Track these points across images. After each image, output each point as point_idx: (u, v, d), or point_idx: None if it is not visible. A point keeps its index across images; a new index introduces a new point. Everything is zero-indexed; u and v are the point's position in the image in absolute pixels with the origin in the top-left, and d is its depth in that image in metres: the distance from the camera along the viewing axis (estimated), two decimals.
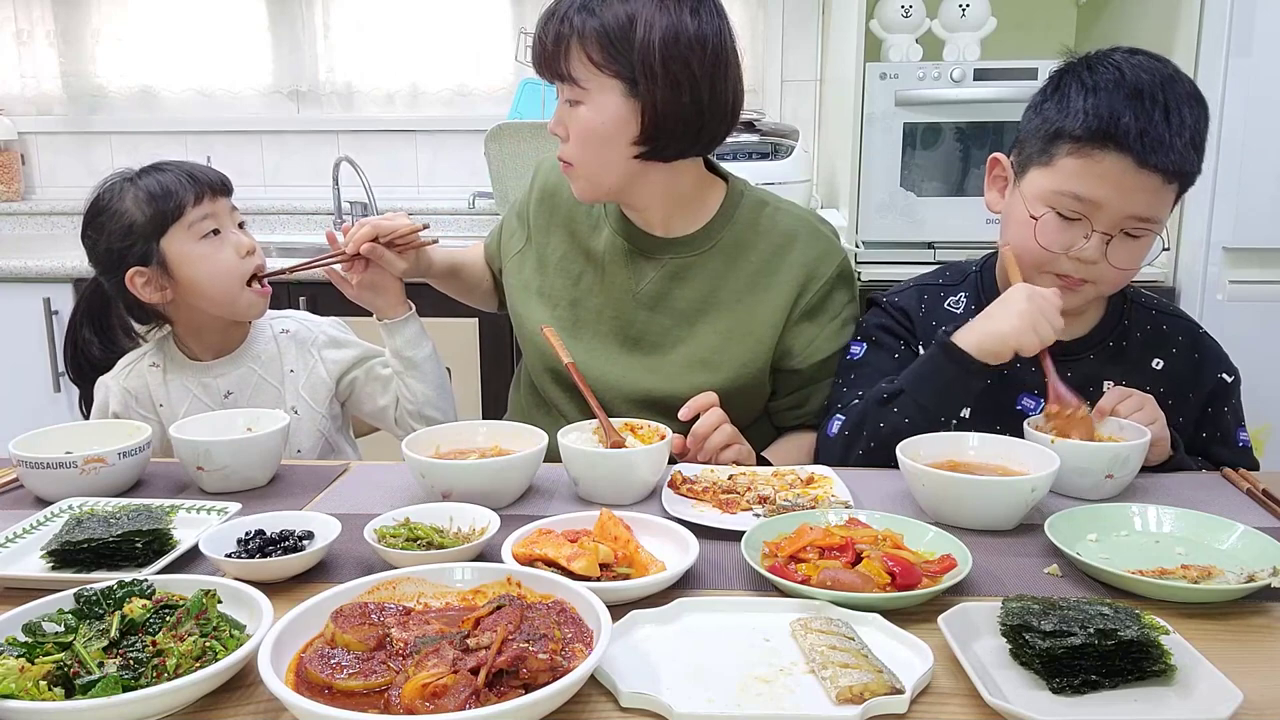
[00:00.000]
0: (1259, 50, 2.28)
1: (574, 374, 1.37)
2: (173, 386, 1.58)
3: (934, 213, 2.54)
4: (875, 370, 1.45)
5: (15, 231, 3.44)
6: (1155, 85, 1.25)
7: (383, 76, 3.35)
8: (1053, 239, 1.31)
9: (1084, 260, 1.30)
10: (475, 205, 3.21)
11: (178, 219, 1.51)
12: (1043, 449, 1.20)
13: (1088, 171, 1.26)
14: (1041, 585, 0.99)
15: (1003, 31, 2.64)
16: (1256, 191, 2.33)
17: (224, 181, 1.57)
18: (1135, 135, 1.22)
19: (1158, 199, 1.27)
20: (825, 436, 1.44)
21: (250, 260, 1.55)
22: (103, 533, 1.01)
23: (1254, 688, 0.77)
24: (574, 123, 1.38)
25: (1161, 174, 1.24)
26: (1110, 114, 1.24)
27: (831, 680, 0.78)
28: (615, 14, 1.32)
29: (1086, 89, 1.27)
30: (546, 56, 1.37)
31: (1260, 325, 2.36)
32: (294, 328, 1.66)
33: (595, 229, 1.55)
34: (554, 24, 1.34)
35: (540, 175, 1.62)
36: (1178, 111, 1.24)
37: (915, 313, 1.48)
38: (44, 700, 0.73)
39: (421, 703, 0.72)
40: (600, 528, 1.03)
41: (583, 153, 1.40)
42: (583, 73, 1.34)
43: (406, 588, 0.90)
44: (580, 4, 1.33)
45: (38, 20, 3.41)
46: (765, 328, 1.47)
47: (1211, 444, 1.42)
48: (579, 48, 1.33)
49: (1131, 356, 1.42)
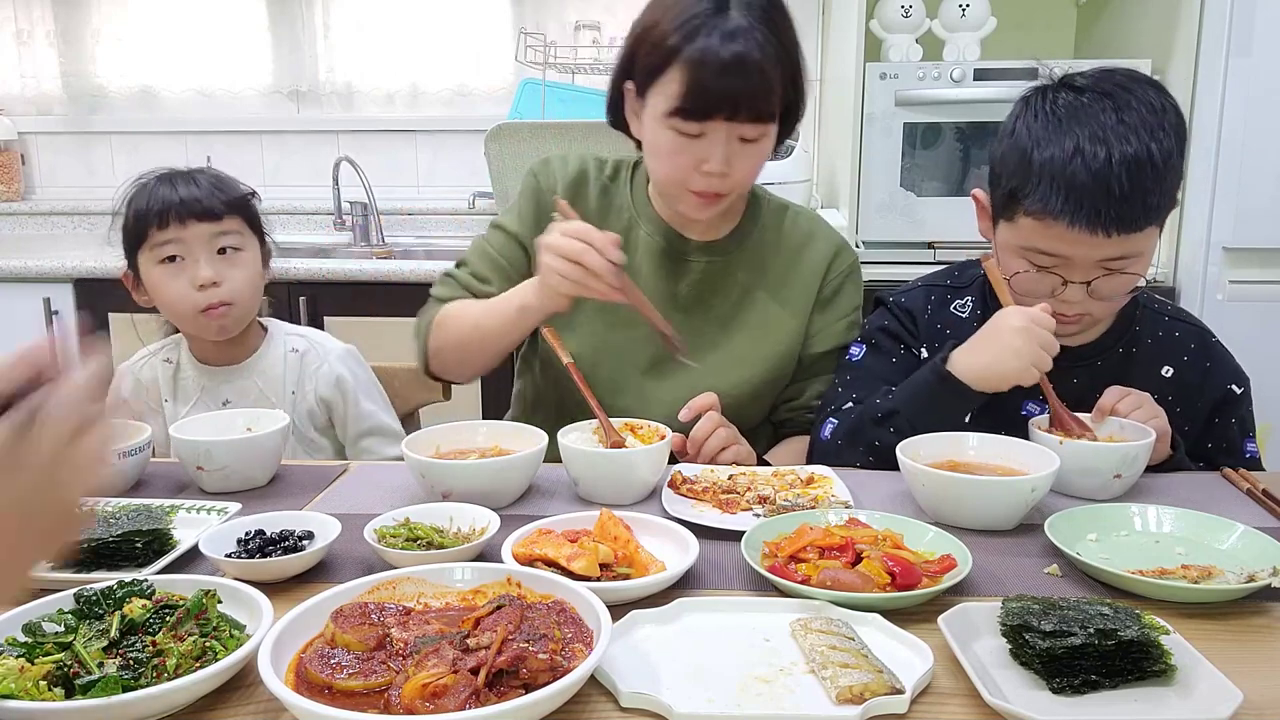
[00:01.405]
0: (1259, 50, 2.28)
1: (574, 374, 1.37)
2: (180, 385, 1.61)
3: (934, 213, 2.54)
4: (871, 374, 1.45)
5: (15, 231, 3.44)
6: (1097, 135, 1.20)
7: (383, 76, 3.34)
8: (1031, 290, 1.30)
9: (1070, 302, 1.29)
10: (475, 205, 3.21)
11: (144, 239, 1.54)
12: (1042, 449, 1.20)
13: (1047, 234, 1.25)
14: (1041, 585, 0.99)
15: (1003, 31, 2.64)
16: (1256, 191, 2.33)
17: (211, 209, 1.53)
18: (1076, 208, 1.20)
19: (1129, 244, 1.23)
20: (818, 439, 1.44)
21: (204, 295, 1.53)
22: (103, 533, 1.01)
23: (1254, 688, 0.77)
24: (753, 158, 1.36)
25: (1123, 233, 1.21)
26: (1053, 184, 1.21)
27: (831, 680, 0.78)
28: (785, 41, 1.33)
29: (1033, 142, 1.24)
30: (758, 103, 1.31)
31: (1260, 325, 2.36)
32: (303, 347, 1.66)
33: (629, 232, 1.51)
34: (765, 70, 1.29)
35: (555, 169, 1.54)
36: (1123, 161, 1.19)
37: (921, 315, 1.48)
38: (44, 700, 0.73)
39: (421, 703, 0.72)
40: (600, 528, 1.03)
41: (748, 181, 1.41)
42: (777, 106, 1.34)
43: (406, 588, 0.90)
44: (767, 40, 1.29)
45: (38, 20, 3.41)
46: (794, 322, 1.51)
47: (1217, 454, 1.40)
48: (779, 87, 1.32)
49: (1141, 363, 1.40)
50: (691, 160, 1.35)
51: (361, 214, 3.21)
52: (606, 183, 1.54)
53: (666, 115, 1.33)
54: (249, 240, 1.59)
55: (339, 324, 2.58)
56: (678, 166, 1.36)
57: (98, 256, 2.71)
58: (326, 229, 3.29)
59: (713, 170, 1.34)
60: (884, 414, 1.34)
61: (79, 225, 3.44)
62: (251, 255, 1.59)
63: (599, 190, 1.53)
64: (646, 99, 1.37)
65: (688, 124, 1.32)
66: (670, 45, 1.31)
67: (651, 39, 1.34)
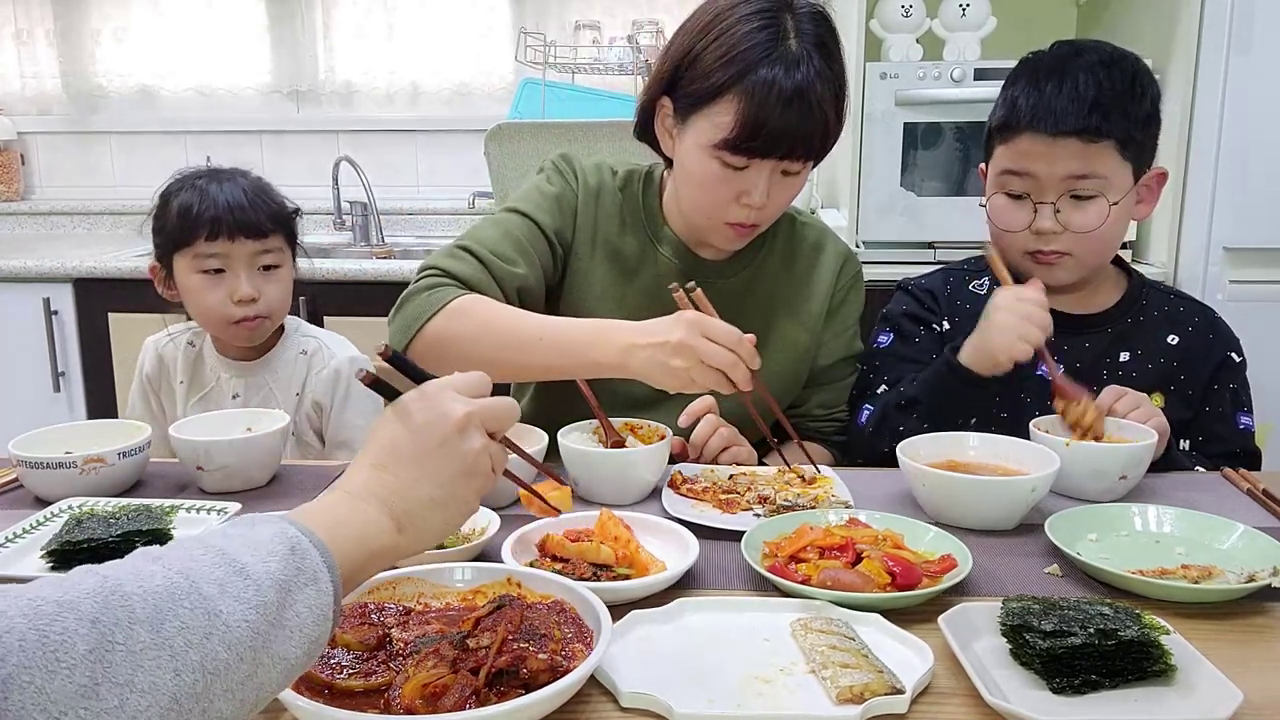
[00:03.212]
0: (1259, 50, 2.27)
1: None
2: (196, 369, 1.66)
3: (934, 212, 2.54)
4: (900, 358, 1.51)
5: (15, 231, 3.44)
6: (1054, 64, 1.36)
7: (383, 76, 3.34)
8: (1006, 219, 1.41)
9: (1044, 232, 1.37)
10: (475, 205, 3.21)
11: (188, 245, 1.55)
12: (1042, 449, 1.20)
13: (1013, 151, 1.38)
14: (1042, 585, 0.99)
15: (1003, 31, 2.64)
16: (1256, 191, 2.32)
17: (260, 227, 1.56)
18: (1028, 113, 1.34)
19: (1085, 159, 1.33)
20: (855, 425, 1.49)
21: (241, 309, 1.57)
22: (103, 533, 1.02)
23: (1254, 688, 0.77)
24: (791, 189, 1.33)
25: (1074, 137, 1.31)
26: (1012, 101, 1.37)
27: (832, 680, 0.78)
28: (839, 71, 1.28)
29: (1016, 80, 1.39)
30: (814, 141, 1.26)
31: (1260, 325, 2.34)
32: (312, 349, 1.69)
33: (644, 251, 1.45)
34: (813, 107, 1.23)
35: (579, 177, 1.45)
36: (1073, 80, 1.32)
37: (941, 293, 1.54)
38: None
39: (421, 703, 0.72)
40: (600, 528, 1.03)
41: (780, 212, 1.38)
42: (832, 140, 1.30)
43: (406, 588, 0.90)
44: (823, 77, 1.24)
45: (38, 20, 3.41)
46: (807, 339, 1.49)
47: (1213, 421, 1.44)
48: (835, 120, 1.27)
49: (1148, 330, 1.46)
50: (732, 192, 1.29)
51: (361, 214, 3.21)
52: (620, 195, 1.47)
53: (714, 146, 1.26)
54: (286, 254, 1.64)
55: (338, 324, 2.56)
56: (717, 198, 1.30)
57: (98, 256, 2.71)
58: (326, 229, 3.29)
59: (754, 204, 1.29)
60: (907, 401, 1.40)
61: (79, 225, 3.44)
62: (288, 269, 1.65)
63: (615, 204, 1.46)
64: (689, 123, 1.29)
65: (737, 157, 1.26)
66: (725, 74, 1.23)
67: (703, 63, 1.26)
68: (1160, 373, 1.43)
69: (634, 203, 1.47)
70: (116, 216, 3.41)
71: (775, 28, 1.24)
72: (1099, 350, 1.44)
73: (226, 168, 1.62)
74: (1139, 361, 1.44)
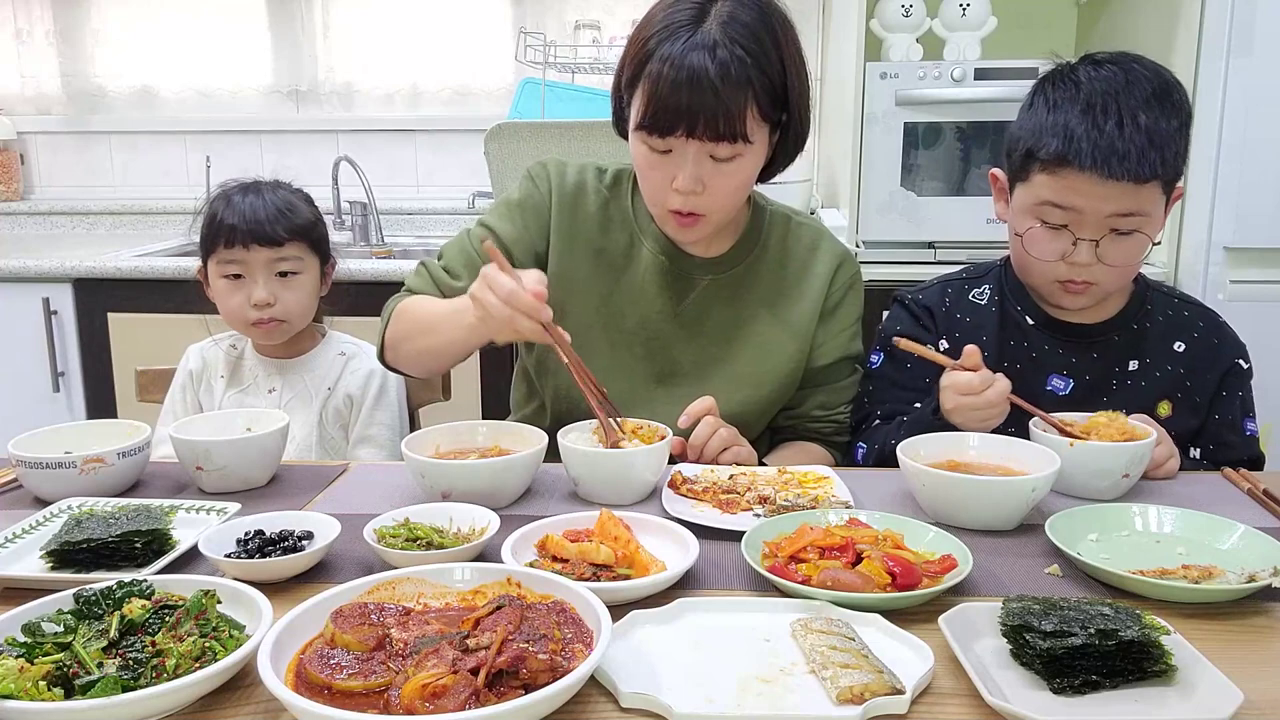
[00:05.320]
0: (1259, 50, 2.27)
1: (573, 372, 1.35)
2: (237, 368, 1.75)
3: (934, 212, 2.54)
4: (892, 382, 1.50)
5: (14, 231, 3.44)
6: (1110, 96, 1.30)
7: (383, 76, 3.34)
8: (1042, 249, 1.37)
9: (1079, 264, 1.34)
10: (475, 205, 3.21)
11: (213, 251, 1.66)
12: (1042, 449, 1.20)
13: (1059, 185, 1.32)
14: (1042, 585, 0.99)
15: (1003, 31, 2.64)
16: (1256, 191, 2.32)
17: (274, 237, 1.63)
18: (1088, 152, 1.28)
19: (1135, 199, 1.30)
20: (855, 463, 1.49)
21: (258, 312, 1.65)
22: (102, 533, 1.01)
23: (1254, 688, 0.77)
24: (730, 176, 1.31)
25: (1128, 180, 1.28)
26: (1066, 134, 1.30)
27: (832, 680, 0.78)
28: (771, 61, 1.27)
29: (1049, 106, 1.33)
30: (719, 122, 1.25)
31: (1261, 325, 2.34)
32: (351, 351, 1.78)
33: (630, 247, 1.48)
34: (726, 87, 1.23)
35: (553, 178, 1.49)
36: (1132, 118, 1.28)
37: (938, 309, 1.52)
38: (44, 700, 0.73)
39: (421, 703, 0.72)
40: (600, 528, 1.03)
41: (729, 203, 1.36)
42: (754, 128, 1.29)
43: (406, 588, 0.90)
44: (735, 58, 1.23)
45: (37, 20, 3.41)
46: (799, 340, 1.49)
47: (1221, 428, 1.44)
48: (754, 106, 1.27)
49: (1154, 338, 1.45)
50: (663, 177, 1.32)
51: (361, 213, 3.21)
52: (606, 194, 1.49)
53: (636, 129, 1.31)
54: (309, 262, 1.70)
55: (338, 323, 2.56)
56: (651, 183, 1.34)
57: (97, 256, 2.71)
58: None
59: (682, 188, 1.30)
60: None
61: (78, 225, 3.44)
62: (309, 276, 1.71)
63: (599, 203, 1.48)
64: (630, 109, 1.34)
65: (653, 138, 1.29)
66: (642, 55, 1.28)
67: (633, 47, 1.30)
68: (1168, 381, 1.43)
69: (622, 200, 1.50)
70: (116, 216, 3.42)
71: (698, 13, 1.27)
72: (1108, 361, 1.44)
73: (269, 180, 1.72)
74: (1147, 371, 1.44)
